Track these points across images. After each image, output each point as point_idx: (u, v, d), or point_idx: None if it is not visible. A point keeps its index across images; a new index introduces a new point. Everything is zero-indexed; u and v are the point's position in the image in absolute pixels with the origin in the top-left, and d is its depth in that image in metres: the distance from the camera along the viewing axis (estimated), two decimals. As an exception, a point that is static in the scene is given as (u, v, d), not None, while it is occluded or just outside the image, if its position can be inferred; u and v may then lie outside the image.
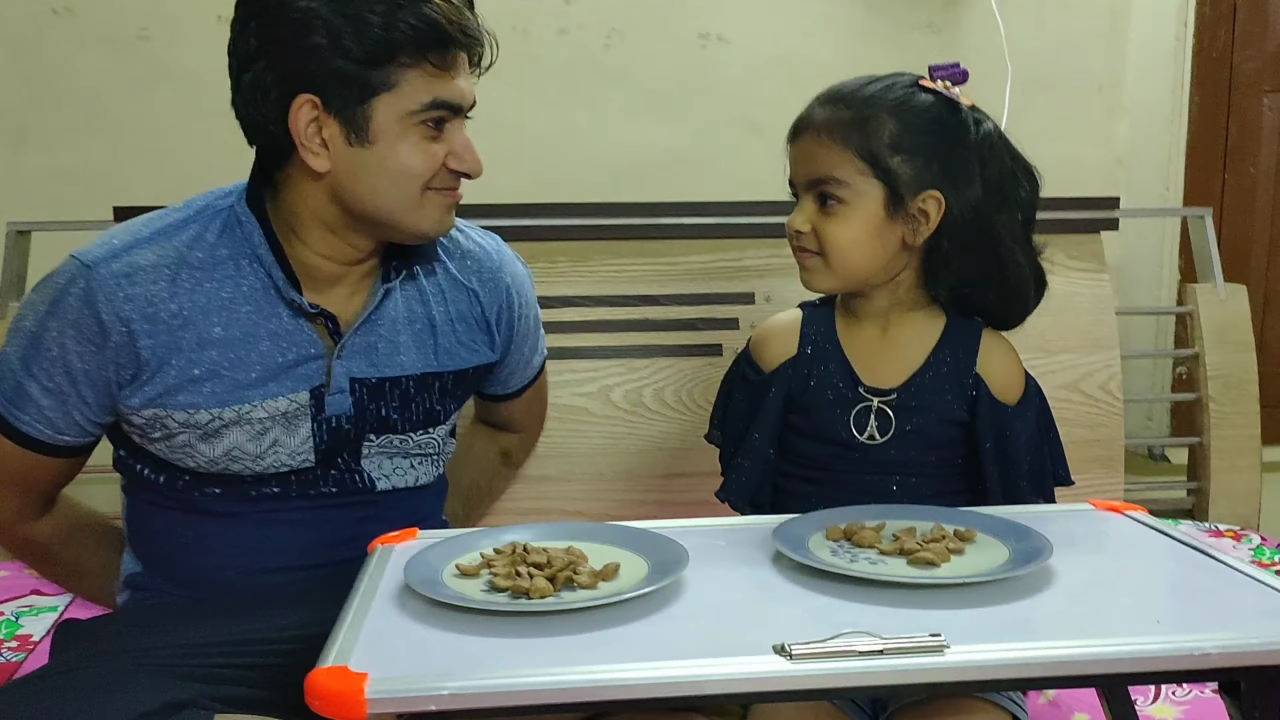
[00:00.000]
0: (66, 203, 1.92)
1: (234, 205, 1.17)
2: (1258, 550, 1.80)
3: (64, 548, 1.29)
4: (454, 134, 1.14)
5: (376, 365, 1.20)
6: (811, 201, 1.17)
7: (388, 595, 0.86)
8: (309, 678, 0.71)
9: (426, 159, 1.12)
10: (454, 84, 1.11)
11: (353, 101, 1.08)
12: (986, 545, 0.96)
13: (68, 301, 1.10)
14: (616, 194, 1.99)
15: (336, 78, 1.07)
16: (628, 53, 2.01)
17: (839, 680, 0.74)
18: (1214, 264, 2.01)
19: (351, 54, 1.06)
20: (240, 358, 1.14)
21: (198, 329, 1.12)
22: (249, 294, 1.15)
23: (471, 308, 1.28)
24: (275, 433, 1.15)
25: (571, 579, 0.86)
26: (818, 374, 1.21)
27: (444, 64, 1.09)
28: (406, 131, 1.10)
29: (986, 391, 1.18)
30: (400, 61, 1.07)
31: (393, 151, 1.10)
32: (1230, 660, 0.77)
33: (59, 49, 1.93)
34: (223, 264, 1.14)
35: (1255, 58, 2.18)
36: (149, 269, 1.11)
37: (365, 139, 1.10)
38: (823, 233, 1.16)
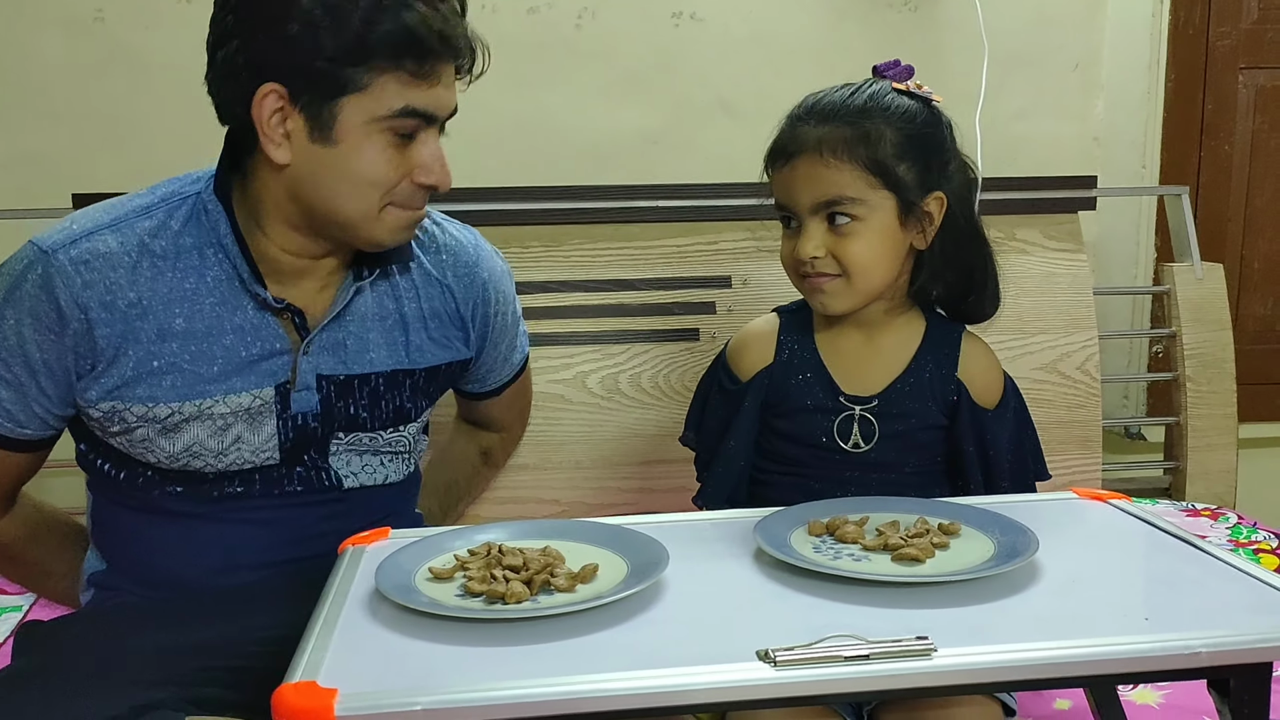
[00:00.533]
0: (23, 190, 1.87)
1: (201, 193, 1.13)
2: (1234, 529, 1.80)
3: (27, 547, 1.26)
4: (425, 144, 1.08)
5: (345, 362, 1.17)
6: (819, 224, 1.14)
7: (358, 601, 0.84)
8: (276, 694, 0.69)
9: (389, 168, 1.06)
10: (430, 92, 1.06)
11: (320, 97, 1.03)
12: (971, 539, 0.94)
13: (25, 289, 1.07)
14: (589, 176, 1.96)
15: (306, 70, 1.02)
16: (599, 32, 1.98)
17: (824, 687, 0.72)
18: (1191, 243, 2.00)
19: (326, 49, 1.01)
20: (202, 351, 1.10)
21: (158, 319, 1.09)
22: (213, 285, 1.11)
23: (445, 304, 1.24)
24: (238, 429, 1.12)
25: (549, 582, 0.84)
26: (795, 382, 1.20)
27: (421, 71, 1.04)
28: (372, 136, 1.05)
29: (967, 396, 1.19)
30: (375, 64, 1.02)
31: (355, 154, 1.05)
32: (1221, 659, 0.76)
33: (12, 31, 1.87)
34: (187, 253, 1.10)
35: (1230, 34, 2.17)
36: (108, 255, 1.07)
37: (329, 138, 1.05)
38: (842, 254, 1.13)
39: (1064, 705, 1.25)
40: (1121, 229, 2.20)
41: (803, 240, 1.14)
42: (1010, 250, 1.90)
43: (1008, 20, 2.04)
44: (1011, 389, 1.22)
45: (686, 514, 1.08)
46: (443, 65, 1.05)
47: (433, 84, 1.05)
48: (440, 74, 1.05)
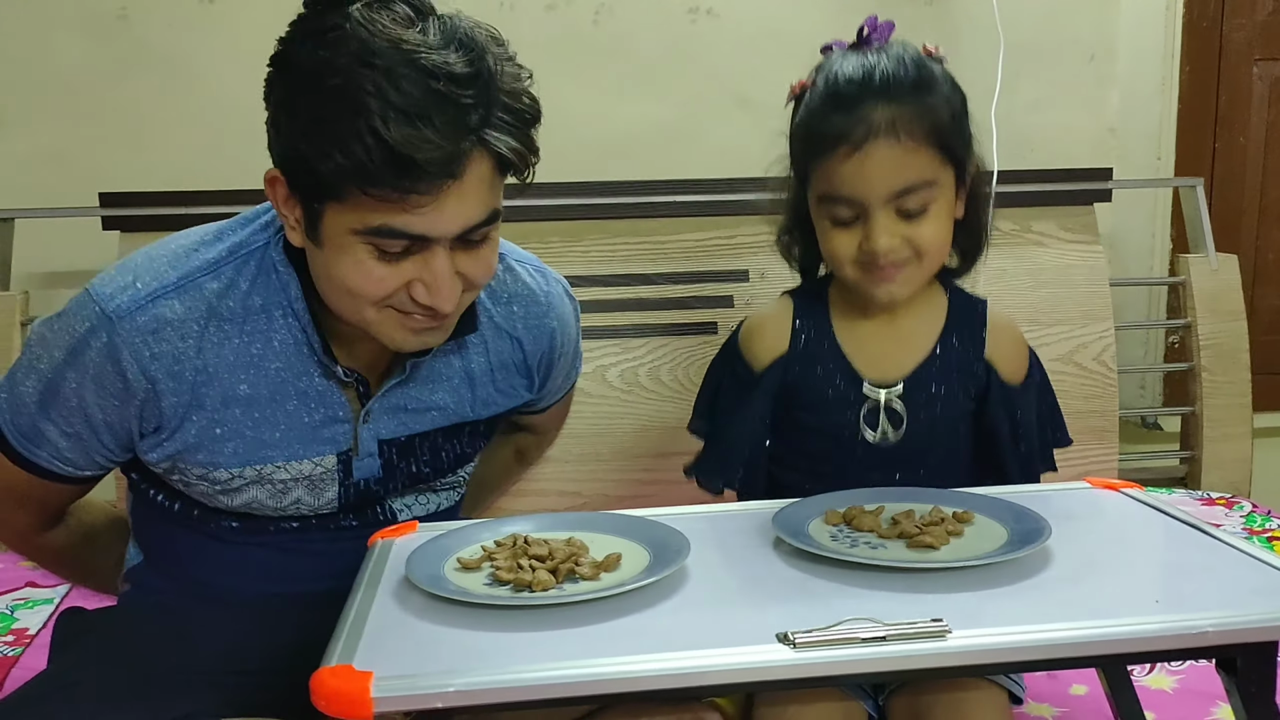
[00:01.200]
0: (49, 189, 1.89)
1: (269, 245, 1.05)
2: (1249, 518, 1.81)
3: (78, 550, 1.25)
4: (429, 261, 0.96)
5: (406, 424, 1.13)
6: (889, 213, 1.06)
7: (389, 591, 0.86)
8: (314, 677, 0.71)
9: (369, 282, 0.96)
10: (416, 215, 0.92)
11: (308, 195, 0.95)
12: (985, 527, 0.96)
13: (88, 355, 1.01)
14: (607, 172, 1.98)
15: (295, 166, 0.94)
16: (616, 28, 2.00)
17: (843, 667, 0.74)
18: (1206, 234, 2.01)
19: (306, 154, 0.92)
20: (265, 417, 1.06)
21: (223, 386, 1.04)
22: (280, 350, 1.06)
23: (514, 355, 1.19)
24: (298, 492, 1.10)
25: (573, 570, 0.86)
26: (814, 372, 1.15)
27: (394, 197, 0.90)
28: (352, 246, 0.94)
29: (996, 376, 1.15)
30: (347, 183, 0.91)
31: (335, 261, 0.96)
32: (1227, 638, 0.78)
33: (36, 31, 1.90)
34: (255, 315, 1.05)
35: (1245, 26, 2.18)
36: (177, 324, 1.02)
37: (317, 238, 0.97)
38: (917, 240, 1.07)
39: (1080, 690, 1.27)
40: (1137, 221, 2.20)
41: (875, 233, 1.06)
42: (1026, 242, 1.91)
43: (1022, 12, 2.05)
44: (1035, 361, 1.19)
45: (707, 505, 1.09)
46: (424, 189, 0.90)
47: (415, 209, 0.91)
48: (425, 200, 0.91)
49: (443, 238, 0.95)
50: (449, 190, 0.91)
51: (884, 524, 0.97)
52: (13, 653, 1.41)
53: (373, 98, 0.87)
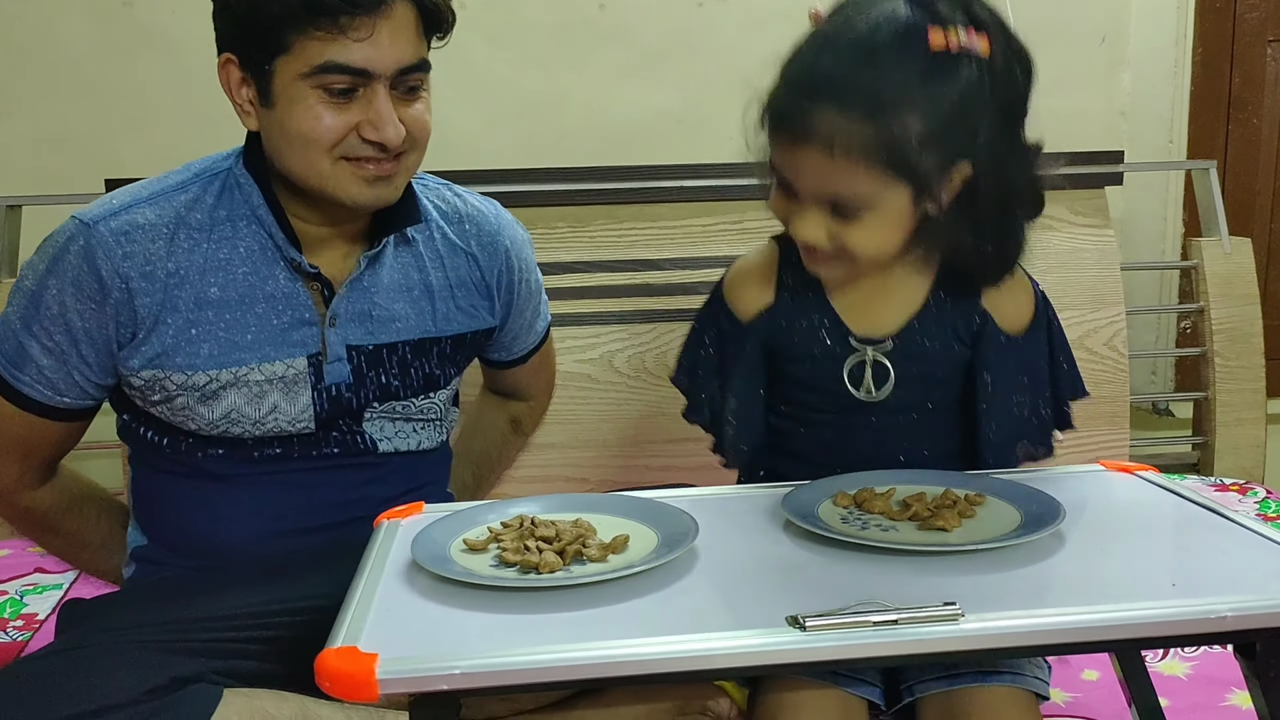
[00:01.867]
0: (56, 174, 1.89)
1: (233, 168, 1.17)
2: (1263, 504, 1.80)
3: (64, 518, 1.29)
4: (371, 100, 1.08)
5: (373, 333, 1.20)
6: (819, 210, 1.00)
7: (395, 572, 0.85)
8: (319, 659, 0.71)
9: (320, 126, 1.07)
10: (356, 47, 1.05)
11: (259, 61, 1.07)
12: (997, 509, 0.95)
13: (67, 259, 1.10)
14: (614, 157, 1.97)
15: (243, 37, 1.08)
16: (623, 13, 1.98)
17: (853, 651, 0.73)
18: (1219, 217, 1.99)
19: (251, 15, 1.06)
20: (236, 319, 1.14)
21: (195, 288, 1.13)
22: (246, 255, 1.15)
23: (470, 272, 1.27)
24: (274, 397, 1.16)
25: (580, 552, 0.86)
26: (801, 325, 1.10)
27: (337, 27, 1.04)
28: (302, 94, 1.06)
29: (992, 324, 1.09)
30: (291, 24, 1.04)
31: (288, 115, 1.08)
32: (1246, 623, 0.76)
33: (41, 15, 1.89)
34: (221, 225, 1.15)
35: (1258, 7, 2.15)
36: (147, 227, 1.12)
37: (269, 100, 1.08)
38: (846, 240, 1.00)
39: (1092, 676, 1.26)
40: (1149, 204, 2.18)
41: (800, 222, 1.01)
42: (1037, 226, 1.89)
43: (1033, -5, 2.03)
44: (1042, 301, 1.11)
45: (715, 488, 1.08)
46: (360, 20, 1.04)
47: (354, 38, 1.04)
48: (362, 28, 1.04)
49: (381, 74, 1.06)
50: (381, 24, 1.05)
51: (895, 506, 0.95)
52: (22, 637, 1.42)
53: None
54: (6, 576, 1.61)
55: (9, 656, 1.35)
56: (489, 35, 1.93)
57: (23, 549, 1.68)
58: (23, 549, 1.68)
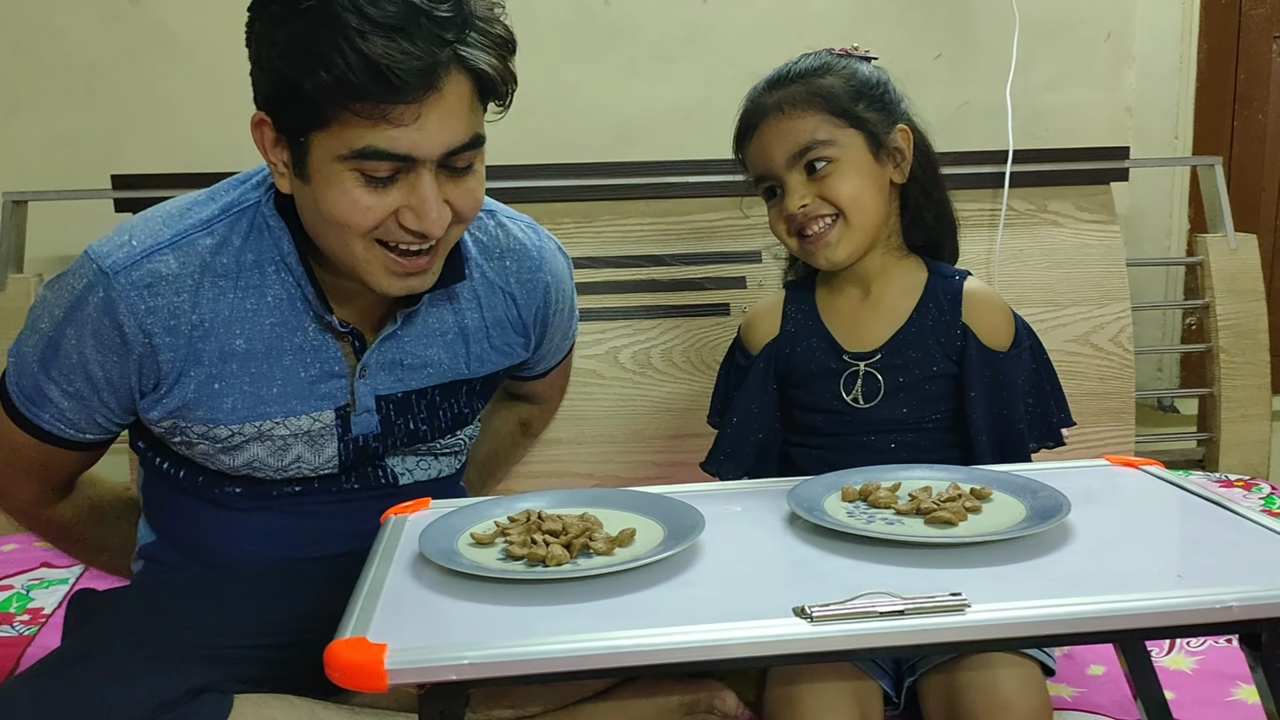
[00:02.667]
0: (63, 172, 1.90)
1: (261, 204, 1.08)
2: (1268, 499, 1.80)
3: (85, 527, 1.26)
4: (415, 185, 0.98)
5: (403, 380, 1.14)
6: (799, 175, 1.18)
7: (403, 565, 0.86)
8: (328, 649, 0.71)
9: (357, 211, 0.97)
10: (399, 132, 0.94)
11: (295, 131, 0.97)
12: (1003, 503, 0.95)
13: (86, 310, 1.03)
14: (620, 153, 1.97)
15: (278, 102, 0.97)
16: (629, 9, 1.99)
17: (860, 641, 0.73)
18: (1224, 213, 1.99)
19: (289, 84, 0.94)
20: (262, 372, 1.08)
21: (219, 340, 1.06)
22: (274, 305, 1.08)
23: (508, 310, 1.20)
24: (298, 449, 1.11)
25: (587, 545, 0.86)
26: (801, 349, 1.24)
27: (378, 113, 0.93)
28: (340, 177, 0.96)
29: (975, 340, 1.19)
30: (330, 103, 0.93)
31: (323, 195, 0.98)
32: (1252, 613, 0.76)
33: (49, 16, 1.90)
34: (248, 271, 1.07)
35: (1264, 3, 2.15)
36: (171, 279, 1.04)
37: (305, 174, 0.99)
38: (830, 194, 1.17)
39: (1098, 670, 1.26)
40: (1154, 200, 2.18)
41: (789, 196, 1.19)
42: (1042, 222, 1.90)
43: (1038, -10, 2.03)
44: (1024, 330, 1.22)
45: (722, 483, 1.09)
46: (404, 106, 0.93)
47: (398, 124, 0.94)
48: (407, 113, 0.93)
49: (427, 159, 0.97)
50: (429, 106, 0.94)
51: (901, 500, 0.96)
52: (29, 632, 1.42)
53: (349, 13, 0.90)
54: (12, 571, 1.61)
55: (16, 652, 1.36)
56: (494, 32, 1.93)
57: (29, 544, 1.69)
58: (29, 544, 1.69)
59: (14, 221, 1.81)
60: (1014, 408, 1.18)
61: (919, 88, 2.07)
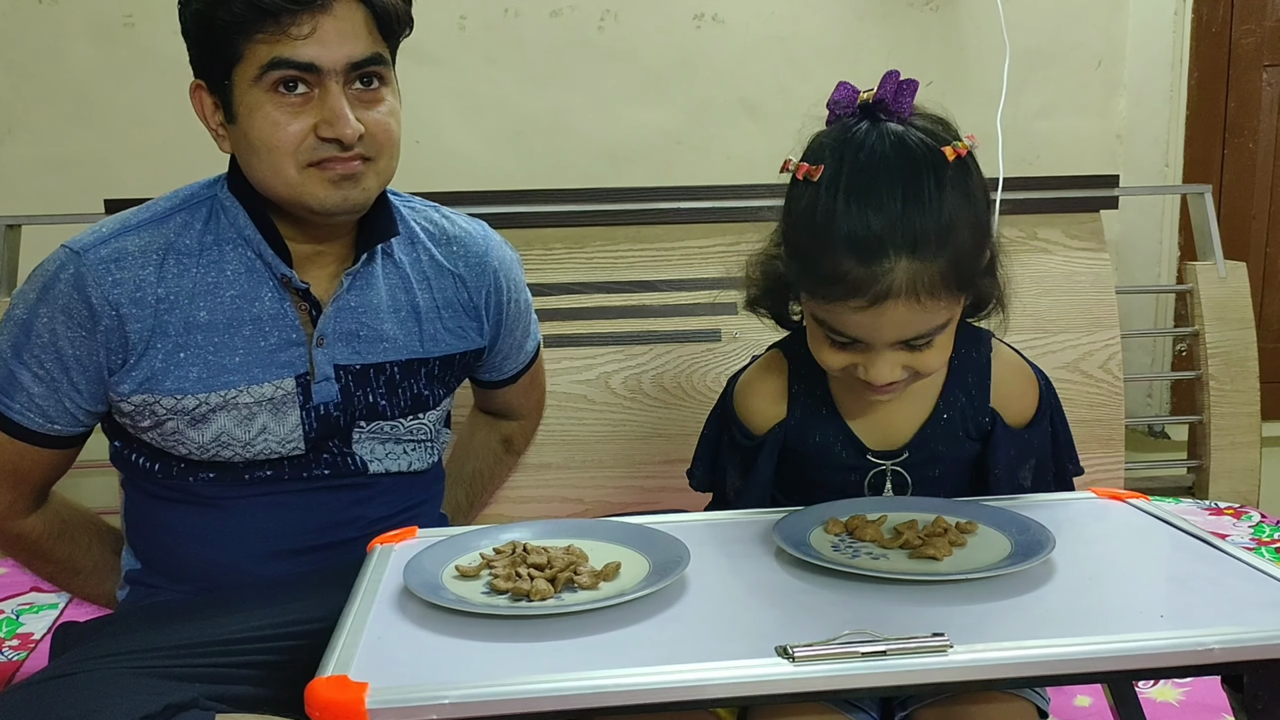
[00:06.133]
0: (56, 196, 1.91)
1: (217, 193, 1.18)
2: (1257, 528, 1.80)
3: (56, 544, 1.28)
4: (324, 99, 1.08)
5: (360, 352, 1.20)
6: (893, 351, 1.00)
7: (387, 599, 0.86)
8: (309, 688, 0.71)
9: (280, 132, 1.08)
10: (299, 45, 1.06)
11: (219, 78, 1.09)
12: (988, 538, 0.95)
13: (58, 288, 1.11)
14: (611, 178, 1.98)
15: (202, 57, 1.10)
16: (621, 34, 2.00)
17: (842, 682, 0.73)
18: (1214, 241, 2.00)
19: (204, 34, 1.08)
20: (224, 342, 1.15)
21: (184, 312, 1.14)
22: (234, 278, 1.16)
23: (458, 293, 1.28)
24: (263, 419, 1.16)
25: (572, 579, 0.86)
26: (817, 441, 1.13)
27: (279, 28, 1.05)
28: (259, 102, 1.08)
29: (1001, 421, 1.12)
30: (239, 34, 1.06)
31: (249, 125, 1.09)
32: (1233, 655, 0.76)
33: (43, 39, 1.91)
34: (209, 249, 1.16)
35: (1254, 32, 2.17)
36: (137, 254, 1.13)
37: (233, 115, 1.10)
38: (920, 366, 1.02)
39: (1084, 702, 1.26)
40: (1144, 228, 2.19)
41: (877, 368, 1.00)
42: (1032, 250, 1.90)
43: (1029, 18, 2.05)
44: (1046, 396, 1.14)
45: (707, 514, 1.09)
46: (302, 17, 1.05)
47: (299, 36, 1.06)
48: (305, 24, 1.06)
49: (330, 70, 1.07)
50: (322, 21, 1.06)
51: (886, 534, 0.96)
52: (18, 657, 1.42)
53: None
54: (2, 596, 1.61)
55: (4, 676, 1.36)
56: (488, 56, 1.94)
57: (18, 568, 1.68)
58: (18, 568, 1.68)
59: (7, 245, 1.81)
60: (1030, 472, 1.14)
61: (910, 115, 2.10)
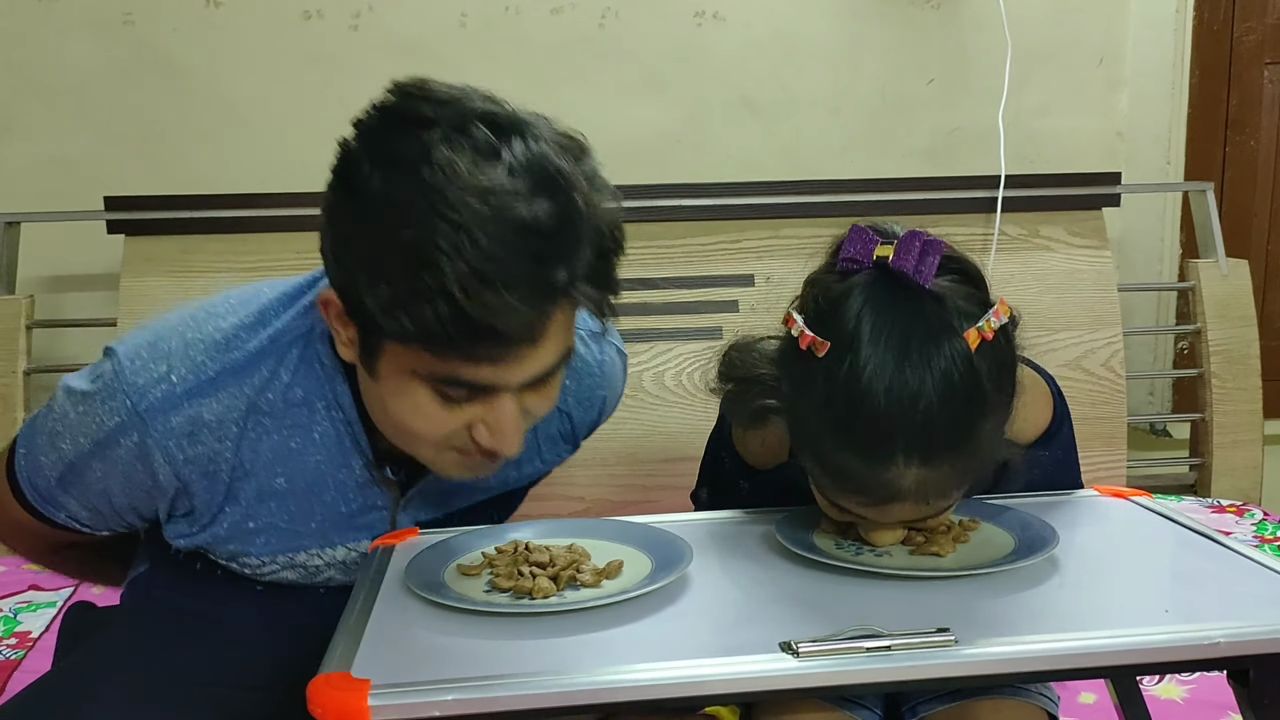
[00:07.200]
0: (55, 192, 1.90)
1: (312, 335, 0.97)
2: (1260, 525, 1.80)
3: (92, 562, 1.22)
4: (494, 406, 0.87)
5: (447, 504, 1.09)
6: (898, 525, 0.94)
7: (389, 597, 0.85)
8: (311, 685, 0.70)
9: (430, 424, 0.88)
10: (484, 369, 0.84)
11: (366, 327, 0.86)
12: (991, 535, 0.95)
13: (117, 452, 0.94)
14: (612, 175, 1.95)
15: (356, 304, 0.85)
16: (622, 32, 1.99)
17: (847, 677, 0.73)
18: (1216, 239, 2.00)
19: (367, 298, 0.82)
20: (301, 509, 1.01)
21: (259, 482, 0.98)
22: (320, 442, 0.99)
23: (561, 426, 1.13)
24: (329, 573, 1.07)
25: (574, 578, 0.85)
26: None
27: (471, 354, 0.83)
28: (411, 388, 0.87)
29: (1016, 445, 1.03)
30: (413, 341, 0.83)
31: (392, 400, 0.89)
32: (1239, 649, 0.76)
33: (42, 36, 1.90)
34: (296, 408, 0.97)
35: (1255, 30, 2.16)
36: (215, 425, 0.94)
37: (374, 370, 0.89)
38: (922, 526, 0.96)
39: (1089, 699, 1.26)
40: (1146, 225, 2.19)
41: (879, 537, 0.94)
42: (1034, 247, 1.90)
43: (1030, 16, 2.04)
44: (1060, 408, 1.09)
45: (709, 513, 1.08)
46: (499, 354, 0.83)
47: (487, 364, 0.84)
48: (503, 356, 0.83)
49: (500, 388, 0.87)
50: (523, 352, 0.84)
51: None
52: (15, 655, 1.41)
53: (448, 258, 0.77)
54: (0, 594, 1.60)
55: (2, 676, 1.35)
56: (488, 53, 1.94)
57: (17, 566, 1.68)
58: (17, 566, 1.68)
59: (6, 242, 1.81)
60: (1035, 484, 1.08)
61: (912, 113, 2.10)
